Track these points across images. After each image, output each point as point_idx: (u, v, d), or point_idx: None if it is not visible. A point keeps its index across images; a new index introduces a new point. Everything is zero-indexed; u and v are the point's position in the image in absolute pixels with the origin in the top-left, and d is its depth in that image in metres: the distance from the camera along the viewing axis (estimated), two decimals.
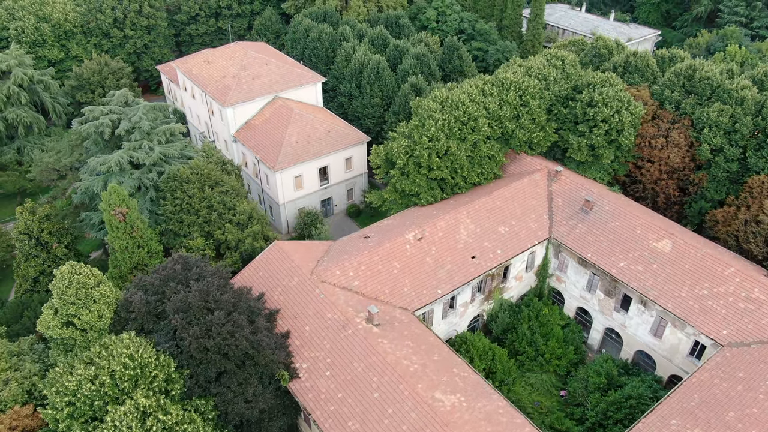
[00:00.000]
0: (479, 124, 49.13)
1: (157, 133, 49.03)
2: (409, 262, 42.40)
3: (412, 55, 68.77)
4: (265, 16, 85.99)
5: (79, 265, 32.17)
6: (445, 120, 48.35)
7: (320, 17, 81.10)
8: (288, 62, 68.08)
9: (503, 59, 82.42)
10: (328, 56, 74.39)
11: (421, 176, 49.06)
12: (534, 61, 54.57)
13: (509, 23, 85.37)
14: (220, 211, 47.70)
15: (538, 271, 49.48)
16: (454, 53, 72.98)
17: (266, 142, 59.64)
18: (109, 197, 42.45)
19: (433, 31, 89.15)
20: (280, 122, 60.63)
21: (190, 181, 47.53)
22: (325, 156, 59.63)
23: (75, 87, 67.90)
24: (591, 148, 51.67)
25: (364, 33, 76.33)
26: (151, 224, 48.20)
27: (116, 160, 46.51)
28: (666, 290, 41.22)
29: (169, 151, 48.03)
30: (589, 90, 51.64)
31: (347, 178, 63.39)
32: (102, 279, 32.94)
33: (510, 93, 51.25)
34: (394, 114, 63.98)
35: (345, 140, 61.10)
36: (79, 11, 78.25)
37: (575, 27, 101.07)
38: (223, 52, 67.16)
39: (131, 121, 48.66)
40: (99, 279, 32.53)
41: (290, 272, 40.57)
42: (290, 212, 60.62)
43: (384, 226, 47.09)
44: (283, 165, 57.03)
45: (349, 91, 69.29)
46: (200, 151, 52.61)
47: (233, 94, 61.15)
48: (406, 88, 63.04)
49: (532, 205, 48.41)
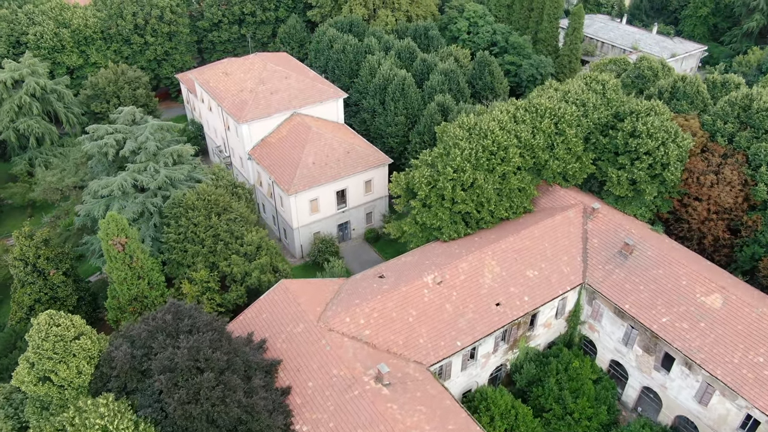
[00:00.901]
0: (509, 155, 45.03)
1: (164, 154, 46.15)
2: (427, 309, 38.57)
3: (440, 71, 64.87)
4: (290, 24, 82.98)
5: (59, 314, 29.20)
6: (473, 149, 44.38)
7: (346, 27, 77.74)
8: (309, 76, 64.81)
9: (537, 75, 77.97)
10: (352, 69, 70.96)
11: (444, 209, 45.19)
12: (571, 84, 50.17)
13: (545, 36, 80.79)
14: (226, 240, 44.62)
15: (569, 318, 45.17)
16: (485, 69, 68.89)
17: (282, 162, 56.42)
18: (107, 226, 39.66)
19: (463, 43, 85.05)
20: (297, 141, 57.36)
21: (195, 208, 44.53)
22: (343, 179, 56.13)
23: (90, 96, 65.79)
24: (632, 182, 47.13)
25: (390, 45, 72.67)
26: (153, 253, 45.38)
27: (119, 183, 43.76)
28: (715, 354, 36.59)
29: (175, 175, 45.10)
30: (632, 119, 47.10)
31: (366, 201, 59.80)
32: (84, 330, 29.93)
33: (544, 120, 47.01)
34: (419, 134, 60.19)
35: (365, 162, 57.51)
36: (99, 17, 76.29)
37: (615, 40, 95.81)
38: (241, 63, 64.21)
39: (137, 141, 45.88)
40: (80, 330, 29.52)
41: (296, 317, 37.12)
42: (305, 237, 57.30)
43: (401, 263, 43.34)
44: (298, 188, 53.71)
45: (373, 107, 65.72)
46: (209, 173, 49.60)
47: (249, 110, 58.09)
48: (432, 107, 59.20)
49: (564, 246, 44.12)
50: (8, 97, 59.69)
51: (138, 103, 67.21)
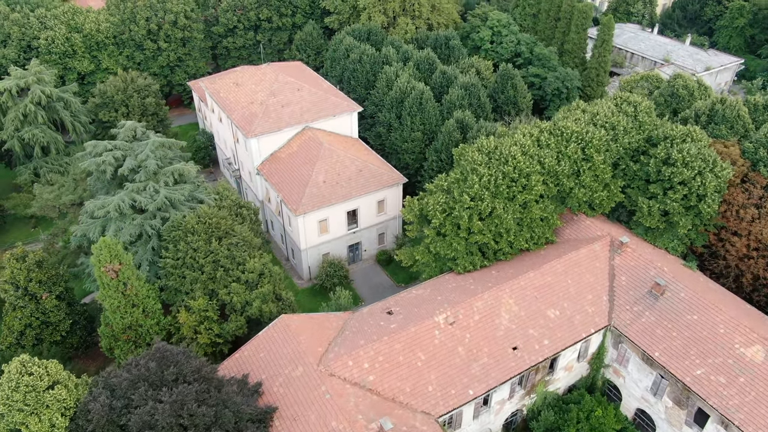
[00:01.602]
0: (532, 182, 41.80)
1: (165, 173, 43.76)
2: (437, 353, 35.55)
3: (461, 85, 61.69)
4: (306, 31, 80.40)
5: (32, 361, 26.81)
6: (492, 176, 41.24)
7: (364, 35, 74.92)
8: (323, 87, 62.12)
9: (563, 88, 74.28)
10: (368, 80, 68.11)
11: (459, 239, 42.13)
12: (600, 106, 46.69)
13: (572, 48, 77.07)
14: (227, 266, 42.05)
15: (592, 360, 41.79)
16: (508, 82, 65.54)
17: (291, 180, 53.79)
18: (100, 252, 37.38)
19: (486, 53, 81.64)
20: (307, 157, 54.67)
21: (195, 232, 42.04)
22: (354, 199, 53.30)
23: (98, 105, 63.89)
24: (664, 213, 43.61)
25: (409, 55, 69.66)
26: (150, 278, 43.05)
27: (116, 204, 41.45)
28: (756, 415, 33.00)
29: (175, 196, 42.66)
30: (666, 145, 43.58)
31: (379, 222, 56.91)
32: (60, 377, 27.51)
33: (570, 145, 43.67)
34: (436, 152, 57.12)
35: (378, 181, 54.61)
36: (112, 21, 74.49)
37: (645, 51, 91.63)
38: (253, 73, 61.75)
39: (137, 158, 43.55)
40: (55, 378, 27.11)
41: (295, 358, 34.37)
42: (313, 258, 54.60)
43: (412, 297, 40.36)
44: (306, 208, 51.02)
45: (389, 121, 62.78)
46: (212, 193, 47.11)
47: (259, 123, 55.57)
48: (450, 124, 56.09)
49: (589, 283, 40.75)
50: (13, 105, 57.94)
51: (147, 112, 65.12)
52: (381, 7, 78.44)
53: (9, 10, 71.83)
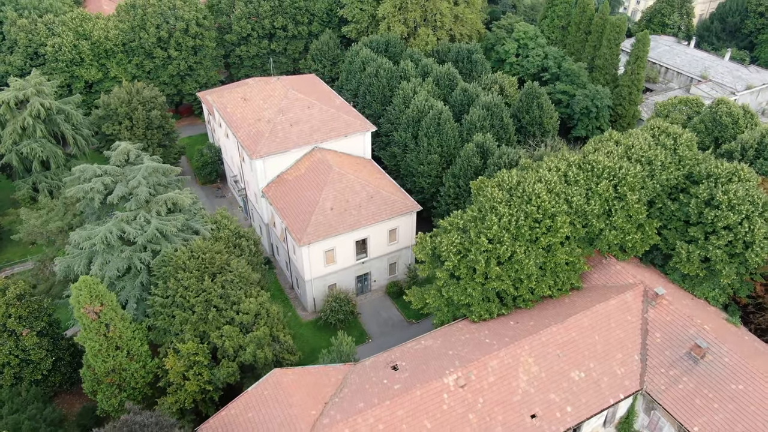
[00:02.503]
0: (557, 224, 37.64)
1: (158, 201, 40.52)
2: (445, 420, 31.65)
3: (482, 105, 57.56)
4: (322, 41, 76.89)
5: None
6: (513, 216, 37.20)
7: (381, 46, 71.17)
8: (335, 104, 58.50)
9: (592, 107, 69.65)
10: (384, 95, 64.37)
11: (475, 284, 38.16)
12: (636, 137, 42.26)
13: (603, 63, 72.32)
14: (220, 306, 38.70)
15: (620, 425, 37.48)
16: (534, 101, 61.18)
17: (296, 206, 50.27)
18: (79, 293, 34.26)
19: (511, 66, 77.31)
20: (315, 181, 51.10)
21: (186, 269, 38.74)
22: (364, 228, 49.60)
23: (102, 117, 61.22)
24: (705, 260, 39.13)
25: (429, 70, 65.73)
26: (138, 316, 39.91)
27: (103, 235, 38.29)
28: None
29: (166, 228, 39.36)
30: (710, 184, 39.10)
31: (390, 251, 53.11)
32: None
33: (602, 182, 39.39)
34: (453, 177, 53.11)
35: (390, 209, 50.80)
36: (121, 28, 71.85)
37: (681, 66, 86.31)
38: (262, 88, 58.39)
39: (128, 185, 40.40)
40: None
41: (286, 423, 30.76)
42: (318, 289, 51.03)
43: (420, 349, 36.50)
44: (311, 238, 47.45)
45: (405, 141, 58.95)
46: (210, 222, 43.76)
47: (265, 143, 52.17)
48: (470, 148, 52.04)
49: (618, 339, 36.46)
50: (12, 117, 55.40)
51: (152, 125, 62.25)
52: (401, 17, 74.60)
53: (17, 15, 69.58)
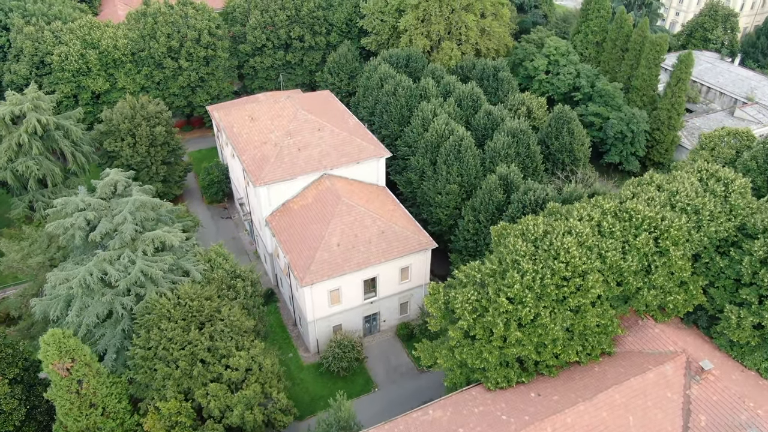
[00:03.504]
0: (588, 283, 32.98)
1: (144, 240, 36.87)
2: None
3: (507, 131, 52.92)
4: (340, 53, 72.87)
5: None
6: (538, 274, 32.65)
7: (402, 61, 66.85)
8: (348, 126, 54.43)
9: (627, 131, 64.49)
10: (402, 115, 60.09)
11: (491, 347, 33.72)
12: (681, 182, 37.28)
13: (640, 84, 66.95)
14: (207, 360, 34.91)
15: None
16: (564, 127, 56.32)
17: (301, 239, 46.32)
18: (47, 348, 30.78)
19: (540, 84, 72.41)
20: (322, 213, 47.10)
21: (171, 318, 35.02)
22: (373, 266, 45.45)
23: (104, 133, 58.18)
24: (758, 326, 34.09)
25: (451, 89, 61.26)
26: (117, 368, 36.35)
27: (81, 279, 34.76)
28: None
29: (152, 271, 35.67)
30: (767, 239, 34.00)
31: (401, 290, 48.90)
32: None
33: (641, 235, 34.56)
34: (473, 210, 48.60)
35: (403, 246, 46.56)
36: (131, 37, 68.83)
37: (724, 86, 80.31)
38: (271, 107, 54.62)
39: (113, 221, 36.84)
40: None
41: None
42: (321, 330, 47.05)
43: (427, 424, 32.16)
44: (314, 278, 43.46)
45: (422, 167, 54.59)
46: (203, 260, 40.00)
47: (270, 170, 48.34)
48: (492, 181, 47.49)
49: (657, 422, 31.64)
50: (7, 134, 52.56)
51: (156, 142, 58.99)
52: (424, 29, 70.20)
53: (23, 23, 67.02)
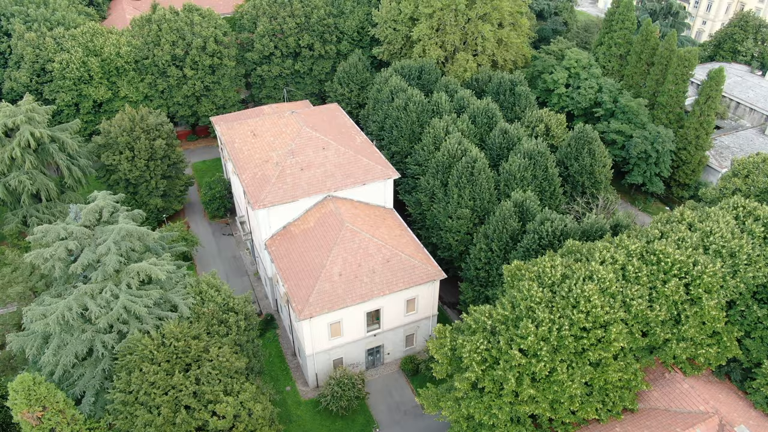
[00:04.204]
0: (611, 335, 29.77)
1: (129, 272, 34.25)
2: None
3: (524, 152, 49.66)
4: (351, 63, 69.93)
5: None
6: (555, 324, 29.50)
7: (414, 73, 63.78)
8: (355, 143, 51.54)
9: (652, 151, 60.86)
10: (413, 131, 57.02)
11: (502, 402, 30.61)
12: (716, 221, 33.89)
13: (666, 101, 63.21)
14: (192, 406, 32.20)
15: None
16: (585, 148, 52.92)
17: (300, 268, 43.51)
18: (15, 397, 28.26)
19: (560, 98, 68.98)
20: (324, 239, 44.26)
21: (154, 360, 32.36)
22: (377, 299, 42.50)
23: (101, 146, 55.90)
24: None
25: (465, 104, 58.12)
26: (95, 412, 33.74)
27: (58, 315, 32.18)
28: None
29: (135, 307, 33.03)
30: None
31: (407, 322, 45.92)
32: None
33: (670, 281, 31.27)
34: (486, 238, 45.44)
35: (409, 276, 43.54)
36: (134, 44, 66.56)
37: (755, 101, 76.06)
38: (274, 123, 51.90)
39: (97, 251, 34.26)
40: None
41: None
42: (321, 364, 44.23)
43: None
44: (314, 311, 40.63)
45: (432, 188, 51.54)
46: (193, 291, 37.29)
47: (270, 191, 45.61)
48: (507, 208, 44.27)
49: None
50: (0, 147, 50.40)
51: (156, 155, 56.58)
52: (438, 39, 67.08)
53: (25, 28, 65.03)
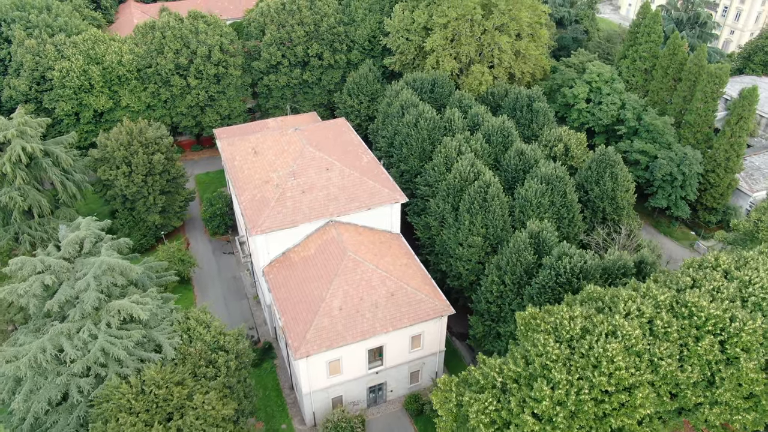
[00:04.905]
0: (636, 399, 26.55)
1: (109, 311, 31.64)
2: None
3: (541, 177, 46.40)
4: (361, 73, 66.96)
5: None
6: (573, 387, 26.34)
7: (427, 86, 60.76)
8: (361, 162, 48.63)
9: (678, 173, 57.20)
10: (424, 149, 53.95)
11: None
12: (755, 270, 30.45)
13: (694, 119, 59.48)
14: None
15: None
16: (607, 171, 49.53)
17: (298, 300, 40.69)
18: None
19: (579, 113, 65.56)
20: (324, 269, 41.40)
21: (132, 410, 29.69)
22: (379, 336, 39.55)
23: (98, 160, 53.59)
24: None
25: (479, 122, 54.97)
26: None
27: (32, 356, 29.69)
28: None
29: (114, 350, 30.41)
30: None
31: (412, 359, 42.93)
32: None
33: (704, 339, 27.95)
34: (498, 269, 42.27)
35: (415, 312, 40.52)
36: (137, 53, 64.25)
37: None
38: (276, 141, 49.18)
39: (75, 287, 31.71)
40: None
41: None
42: (319, 402, 41.38)
43: None
44: (311, 349, 37.78)
45: (442, 212, 48.47)
46: (181, 330, 34.60)
47: (269, 216, 42.88)
48: (522, 239, 41.04)
49: None
50: None
51: (154, 170, 54.15)
52: (453, 50, 63.96)
53: (25, 35, 62.98)
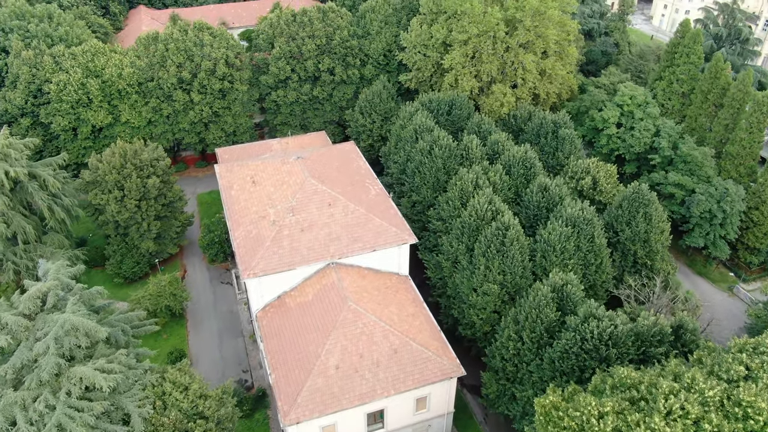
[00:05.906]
0: None
1: (70, 378, 27.88)
2: None
3: (566, 219, 41.77)
4: (374, 91, 62.75)
5: None
6: None
7: (444, 108, 56.38)
8: (368, 195, 44.49)
9: (718, 211, 51.99)
10: (438, 179, 49.57)
11: None
12: None
13: (737, 151, 54.17)
14: None
15: None
16: (640, 211, 44.68)
17: (291, 352, 36.64)
18: None
19: (609, 139, 60.59)
20: (321, 319, 37.30)
21: None
22: (379, 400, 35.30)
23: (90, 183, 50.28)
24: None
25: (499, 150, 50.45)
26: None
27: None
28: None
29: (73, 426, 26.63)
30: None
31: (417, 421, 38.61)
32: None
33: None
34: (516, 324, 37.79)
35: (420, 373, 36.19)
36: (138, 65, 60.85)
37: None
38: (277, 169, 45.25)
39: (34, 349, 28.00)
40: None
41: None
42: None
43: None
44: (301, 415, 33.68)
45: (455, 253, 44.06)
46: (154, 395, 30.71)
47: (263, 257, 38.93)
48: (543, 293, 36.38)
49: None
50: None
51: (148, 195, 50.59)
52: (473, 69, 59.45)
53: (22, 45, 59.95)
